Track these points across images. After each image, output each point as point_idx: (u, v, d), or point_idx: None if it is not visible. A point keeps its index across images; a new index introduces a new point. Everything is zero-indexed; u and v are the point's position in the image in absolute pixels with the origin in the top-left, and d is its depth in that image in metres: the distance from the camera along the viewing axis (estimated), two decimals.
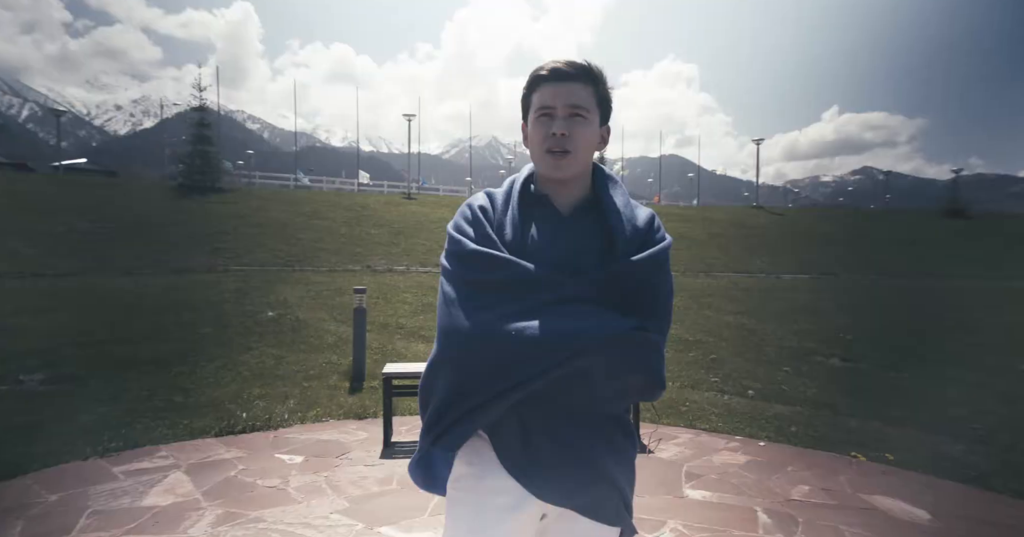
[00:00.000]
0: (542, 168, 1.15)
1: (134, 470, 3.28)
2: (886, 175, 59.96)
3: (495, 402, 1.03)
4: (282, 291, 8.40)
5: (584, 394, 1.05)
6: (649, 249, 1.10)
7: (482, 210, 1.15)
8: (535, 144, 1.14)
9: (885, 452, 3.81)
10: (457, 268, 1.09)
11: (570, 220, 1.15)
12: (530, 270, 1.04)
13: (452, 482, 1.15)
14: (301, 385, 5.00)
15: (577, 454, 1.07)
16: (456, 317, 1.05)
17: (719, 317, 8.28)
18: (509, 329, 1.00)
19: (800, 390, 5.34)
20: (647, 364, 1.06)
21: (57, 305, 7.24)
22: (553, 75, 1.13)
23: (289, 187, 29.93)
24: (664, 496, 3.08)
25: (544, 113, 1.13)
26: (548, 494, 1.07)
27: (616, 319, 1.04)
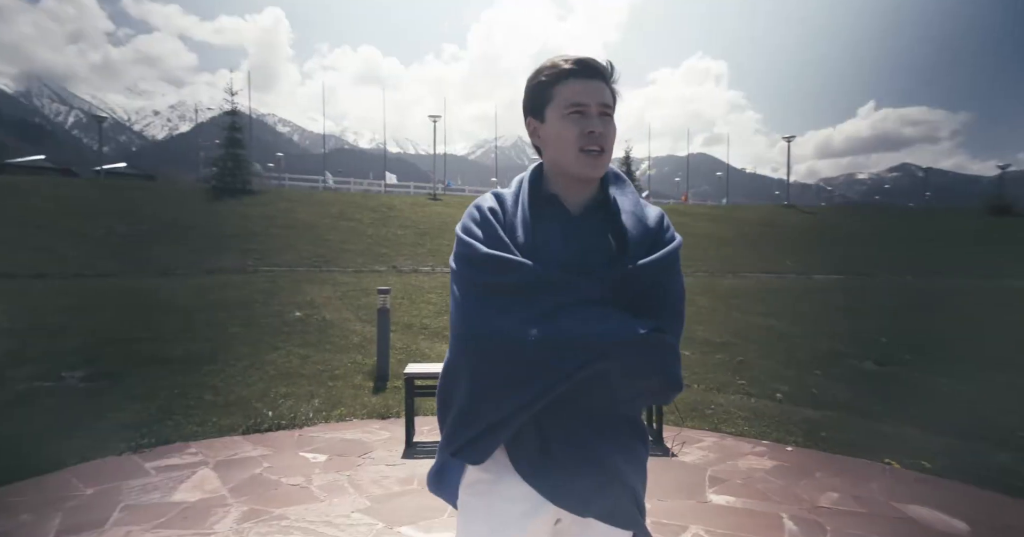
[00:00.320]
0: (575, 167, 1.10)
1: (165, 466, 3.37)
2: (926, 172, 58.03)
3: (519, 413, 1.02)
4: (309, 291, 8.54)
5: (603, 397, 1.04)
6: (660, 249, 1.09)
7: (492, 212, 1.12)
8: (567, 142, 1.09)
9: (922, 459, 3.67)
10: (469, 271, 1.07)
11: (580, 220, 1.13)
12: (545, 272, 1.03)
13: (465, 487, 1.14)
14: (326, 384, 5.08)
15: (593, 458, 1.06)
16: (472, 322, 1.04)
17: (747, 318, 8.12)
18: (529, 333, 0.99)
19: (831, 394, 5.19)
20: (665, 366, 1.05)
21: (97, 305, 7.50)
22: (584, 71, 1.10)
23: (317, 189, 30.46)
24: (686, 500, 3.03)
25: (577, 110, 1.09)
26: (564, 500, 1.06)
27: (634, 321, 1.02)
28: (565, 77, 1.10)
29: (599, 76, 1.10)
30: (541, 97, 1.12)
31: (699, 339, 7.01)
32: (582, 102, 1.08)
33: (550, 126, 1.12)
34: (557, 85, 1.10)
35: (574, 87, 1.09)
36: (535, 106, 1.14)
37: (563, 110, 1.09)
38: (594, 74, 1.10)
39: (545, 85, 1.12)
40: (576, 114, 1.09)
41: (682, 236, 1.16)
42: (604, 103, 1.10)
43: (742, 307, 8.81)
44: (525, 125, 1.18)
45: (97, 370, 5.16)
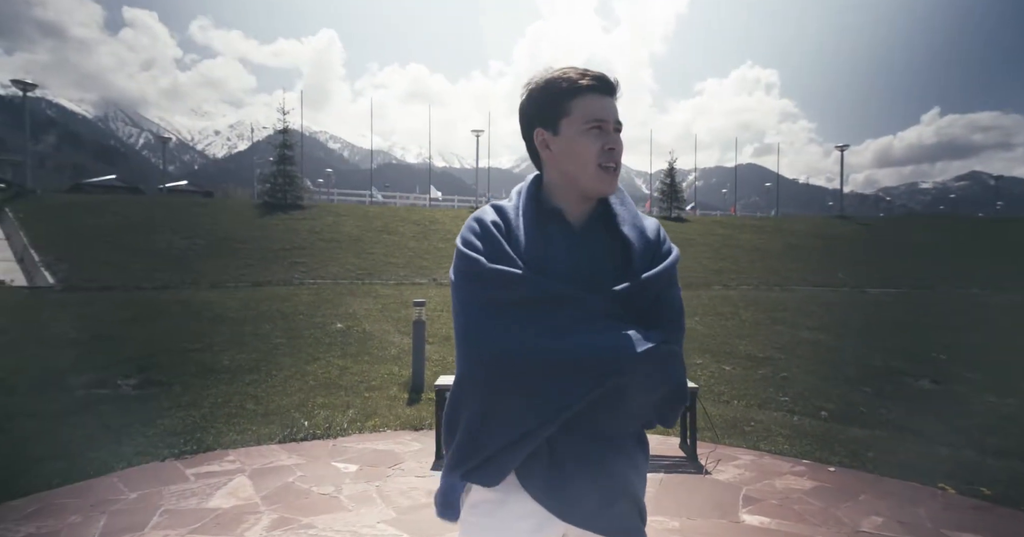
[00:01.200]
0: (592, 183, 1.10)
1: (204, 473, 3.50)
2: (997, 180, 54.73)
3: (537, 432, 1.00)
4: (351, 304, 8.76)
5: (614, 412, 1.04)
6: (661, 262, 1.09)
7: (495, 225, 1.10)
8: (585, 157, 1.08)
9: (980, 485, 3.43)
10: (474, 287, 1.05)
11: (583, 233, 1.13)
12: (553, 286, 1.02)
13: (469, 507, 1.11)
14: (362, 395, 5.18)
15: (604, 473, 1.05)
16: (482, 339, 1.01)
17: (793, 333, 7.81)
18: (542, 349, 0.98)
19: (881, 413, 4.92)
20: (674, 377, 1.05)
21: (153, 316, 7.91)
22: (602, 87, 1.10)
23: (364, 203, 31.31)
24: (718, 520, 2.93)
25: (596, 126, 1.08)
26: (573, 516, 1.06)
27: (644, 334, 1.02)
28: (584, 92, 1.09)
29: (613, 93, 1.11)
30: (556, 109, 1.10)
31: (741, 353, 6.80)
32: (602, 118, 1.08)
33: (565, 140, 1.10)
34: (575, 99, 1.09)
35: (594, 102, 1.08)
36: (548, 117, 1.11)
37: (583, 125, 1.08)
38: (610, 91, 1.11)
39: (561, 97, 1.09)
40: (596, 130, 1.09)
41: (726, 248, 1.16)
42: (618, 120, 1.11)
43: (788, 321, 8.49)
44: (532, 135, 1.15)
45: (149, 378, 5.43)
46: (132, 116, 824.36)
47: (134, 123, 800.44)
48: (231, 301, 8.82)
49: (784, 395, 5.37)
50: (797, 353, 6.84)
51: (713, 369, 6.19)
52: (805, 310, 9.26)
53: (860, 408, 5.02)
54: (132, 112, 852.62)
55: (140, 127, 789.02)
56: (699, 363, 6.36)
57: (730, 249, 15.71)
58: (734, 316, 8.71)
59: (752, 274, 13.54)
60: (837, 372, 6.12)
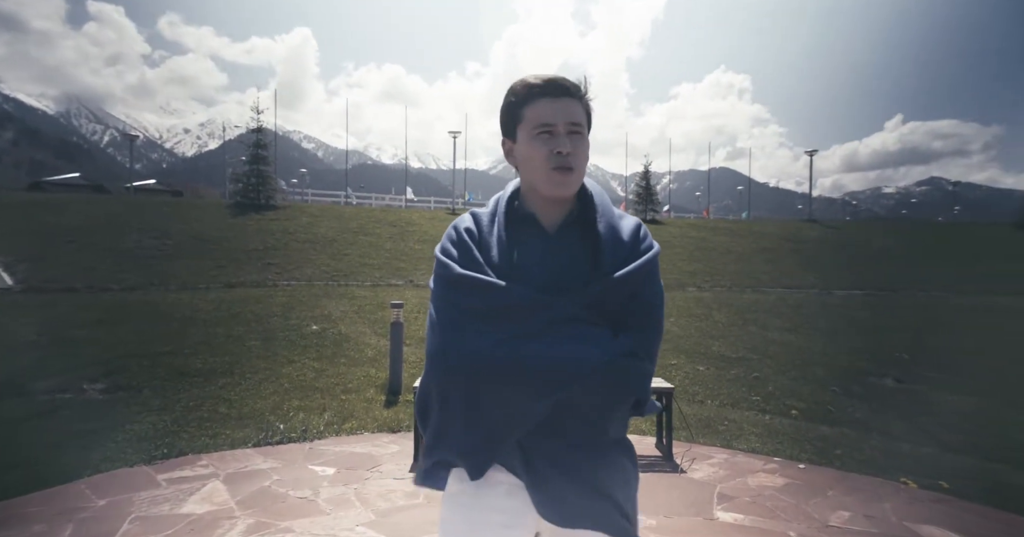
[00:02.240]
0: (546, 187, 1.11)
1: (176, 478, 3.43)
2: (955, 186, 56.87)
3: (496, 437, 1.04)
4: (327, 305, 8.66)
5: (576, 418, 1.05)
6: (634, 261, 1.08)
7: (468, 232, 1.13)
8: (537, 162, 1.10)
9: (939, 479, 3.57)
10: (444, 292, 1.08)
11: (557, 238, 1.13)
12: (517, 293, 1.03)
13: (447, 498, 1.15)
14: (339, 398, 5.13)
15: (576, 475, 1.06)
16: (442, 343, 1.04)
17: (764, 334, 7.99)
18: (497, 357, 1.00)
19: (848, 411, 5.08)
20: (632, 391, 1.05)
21: (121, 318, 7.70)
22: (551, 90, 1.09)
23: (339, 204, 30.96)
24: (693, 518, 2.99)
25: (545, 130, 1.09)
26: (549, 513, 1.07)
27: (605, 344, 1.03)
28: (534, 97, 1.10)
29: (568, 94, 1.10)
30: (513, 117, 1.13)
31: (714, 354, 6.93)
32: (549, 122, 1.08)
33: (521, 146, 1.12)
34: (526, 105, 1.10)
35: (542, 107, 1.09)
36: (508, 126, 1.15)
37: (532, 130, 1.10)
38: (562, 93, 1.09)
39: (515, 105, 1.12)
40: (545, 134, 1.09)
41: (700, 251, 1.17)
42: (572, 122, 1.09)
43: (760, 322, 8.68)
44: (501, 145, 1.19)
45: (117, 382, 5.29)
46: (96, 112, 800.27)
47: (98, 120, 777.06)
48: (203, 303, 8.64)
49: (756, 395, 5.49)
50: (768, 353, 7.00)
51: (688, 369, 6.30)
52: (776, 311, 9.48)
53: (828, 407, 5.18)
54: (96, 108, 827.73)
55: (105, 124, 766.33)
56: (674, 364, 6.46)
57: (704, 251, 15.98)
58: (707, 317, 8.87)
59: (725, 276, 13.80)
60: (806, 372, 6.29)
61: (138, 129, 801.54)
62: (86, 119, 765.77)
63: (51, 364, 5.73)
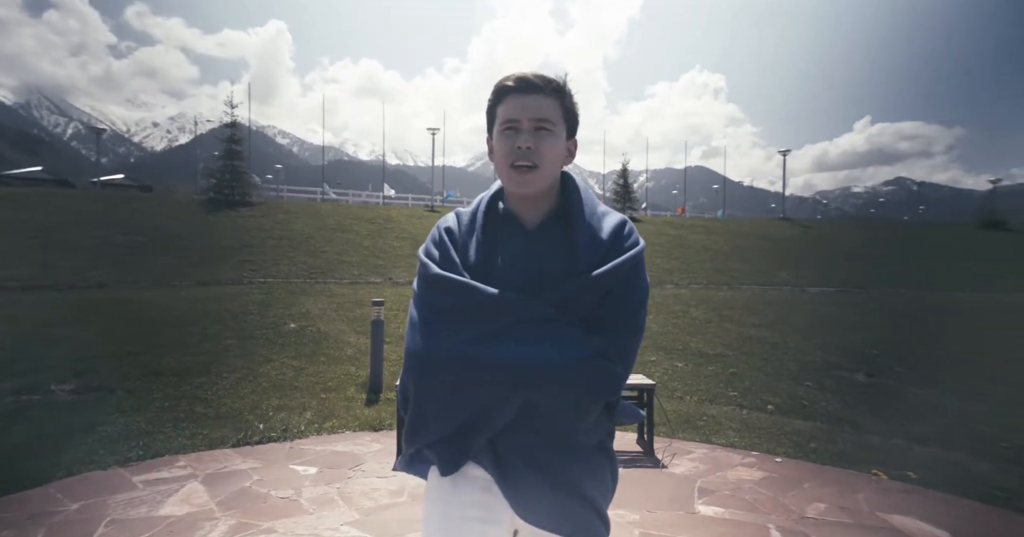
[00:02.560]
0: (507, 183, 1.11)
1: (152, 480, 3.37)
2: (920, 186, 58.50)
3: (467, 433, 1.05)
4: (305, 303, 8.55)
5: (548, 418, 1.05)
6: (613, 259, 1.06)
7: (448, 232, 1.13)
8: (500, 158, 1.10)
9: (907, 470, 3.70)
10: (422, 292, 1.10)
11: (536, 236, 1.12)
12: (486, 293, 1.02)
13: (427, 492, 1.17)
14: (319, 396, 5.08)
15: (549, 473, 1.06)
16: (417, 342, 1.05)
17: (740, 330, 8.14)
18: (462, 356, 1.01)
19: (822, 405, 5.21)
20: (602, 393, 1.04)
21: (90, 317, 7.49)
22: (519, 87, 1.10)
23: (316, 200, 30.55)
24: (675, 512, 3.04)
25: (509, 126, 1.09)
26: (524, 511, 1.06)
27: (574, 345, 1.01)
28: (505, 94, 1.11)
29: (538, 91, 1.09)
30: (490, 116, 1.15)
31: (692, 350, 7.04)
32: (514, 118, 1.09)
33: (494, 143, 1.13)
34: (499, 104, 1.12)
35: (511, 103, 1.10)
36: (488, 124, 1.16)
37: (499, 127, 1.11)
38: (532, 89, 1.09)
39: (491, 105, 1.14)
40: (510, 130, 1.09)
41: (677, 248, 1.16)
42: (539, 118, 1.08)
43: (736, 319, 8.84)
44: (486, 142, 1.19)
45: (87, 383, 5.15)
46: (59, 104, 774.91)
47: (61, 112, 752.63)
48: (176, 301, 8.46)
49: (733, 390, 5.60)
50: (744, 350, 7.13)
51: (666, 366, 6.39)
52: (751, 308, 9.67)
53: (803, 401, 5.30)
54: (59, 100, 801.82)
55: (68, 116, 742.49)
56: (653, 360, 6.55)
57: (681, 249, 16.20)
58: (685, 314, 9.00)
59: (702, 273, 14.01)
60: (781, 368, 6.43)
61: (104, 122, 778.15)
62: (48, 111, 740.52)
63: (16, 364, 5.55)
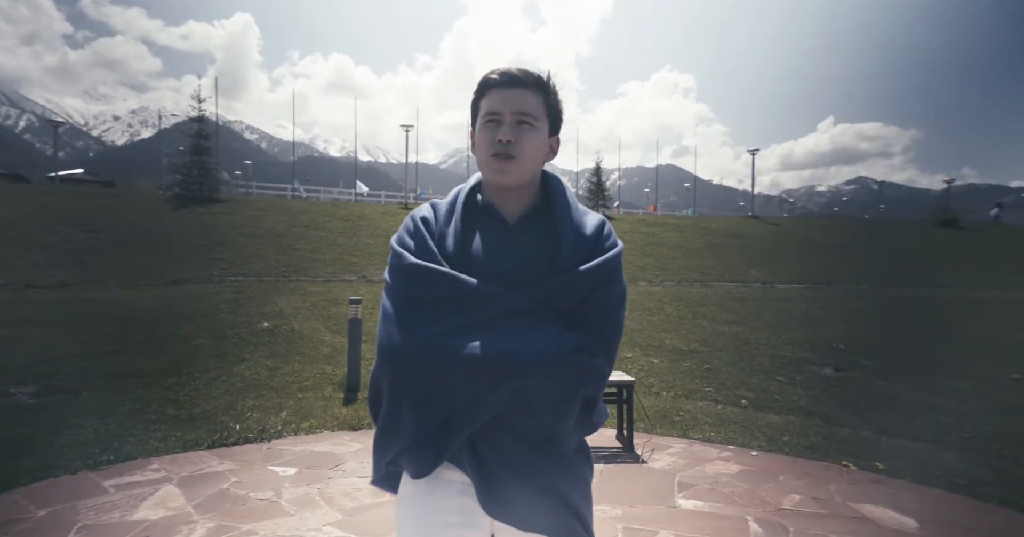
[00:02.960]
0: (487, 174, 1.11)
1: (125, 484, 3.27)
2: (880, 185, 60.38)
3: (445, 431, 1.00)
4: (278, 302, 8.40)
5: (527, 416, 1.01)
6: (597, 258, 1.06)
7: (424, 221, 1.11)
8: (481, 149, 1.11)
9: (876, 461, 3.83)
10: (396, 282, 1.06)
11: (516, 229, 1.11)
12: (469, 284, 1.01)
13: (400, 499, 1.12)
14: (295, 396, 5.00)
15: (529, 475, 1.03)
16: (391, 334, 1.01)
17: (713, 327, 8.30)
18: (444, 348, 0.97)
19: (793, 399, 5.36)
20: (585, 384, 1.02)
21: (52, 317, 7.23)
22: (503, 80, 1.10)
23: (286, 197, 29.99)
24: (656, 506, 3.09)
25: (491, 119, 1.09)
26: (502, 514, 1.03)
27: (557, 337, 1.00)
28: (487, 88, 1.11)
29: (521, 85, 1.09)
30: (473, 109, 1.15)
31: (667, 347, 7.15)
32: (496, 111, 1.09)
33: (476, 135, 1.14)
34: (483, 97, 1.12)
35: (492, 97, 1.10)
36: (472, 118, 1.17)
37: (481, 119, 1.12)
38: (514, 83, 1.09)
39: (475, 98, 1.14)
40: (492, 123, 1.09)
41: (650, 246, 1.16)
42: (520, 111, 1.08)
43: (709, 315, 9.01)
44: (469, 135, 1.19)
45: (50, 385, 4.97)
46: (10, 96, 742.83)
47: (13, 103, 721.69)
48: (144, 300, 8.22)
49: (708, 386, 5.71)
50: (718, 346, 7.28)
51: (643, 362, 6.48)
52: (723, 305, 9.86)
53: (775, 396, 5.44)
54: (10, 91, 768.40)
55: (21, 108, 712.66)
56: (629, 357, 6.63)
57: (654, 246, 16.41)
58: (659, 311, 9.13)
59: (674, 271, 14.23)
60: (754, 363, 6.58)
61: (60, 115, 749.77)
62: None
63: None
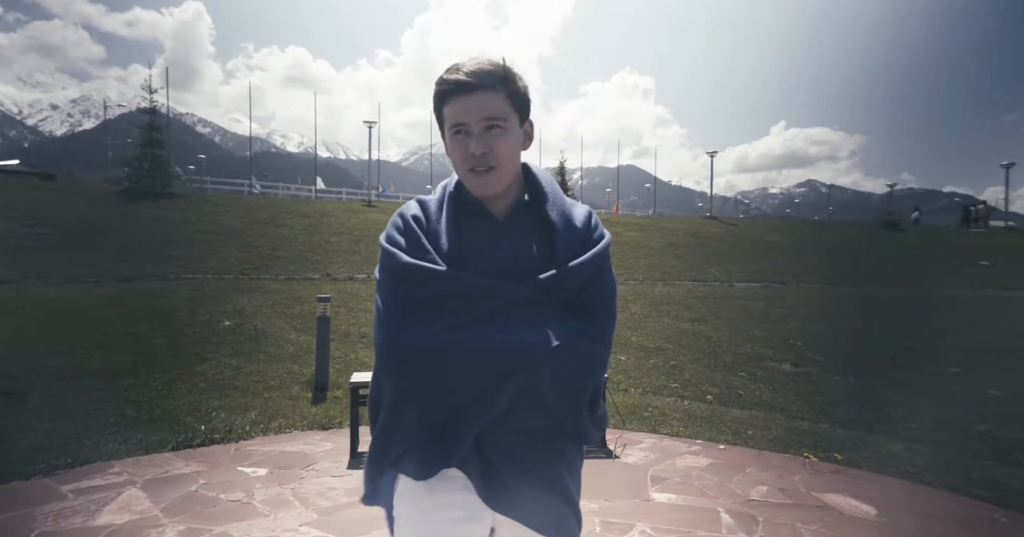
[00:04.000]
0: (469, 187, 1.09)
1: (84, 488, 3.13)
2: (829, 188, 63.00)
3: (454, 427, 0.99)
4: (238, 300, 8.15)
5: (534, 409, 1.02)
6: (589, 249, 1.07)
7: (415, 219, 1.09)
8: (457, 163, 1.08)
9: (834, 452, 4.01)
10: (391, 282, 1.05)
11: (506, 224, 1.11)
12: (467, 280, 1.00)
13: (399, 496, 1.10)
14: (262, 396, 4.88)
15: (532, 468, 1.04)
16: (393, 334, 1.01)
17: (677, 324, 8.51)
18: (449, 343, 0.97)
19: (756, 395, 5.55)
20: (590, 374, 1.04)
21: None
22: (457, 88, 1.03)
23: (243, 193, 29.09)
24: (631, 500, 3.16)
25: (459, 130, 1.05)
26: (504, 507, 1.04)
27: (560, 328, 1.01)
28: (445, 97, 1.05)
29: (479, 88, 1.03)
30: (438, 116, 1.10)
31: (634, 345, 7.28)
32: (461, 122, 1.04)
33: (448, 147, 1.10)
34: (443, 106, 1.06)
35: (453, 107, 1.04)
36: (439, 125, 1.11)
37: (449, 131, 1.07)
38: (471, 88, 1.03)
39: (436, 106, 1.09)
40: (460, 134, 1.05)
41: (614, 245, 1.17)
42: (487, 117, 1.03)
43: (673, 313, 9.22)
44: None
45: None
46: None
47: None
48: (92, 298, 7.84)
49: (675, 382, 5.86)
50: (682, 343, 7.46)
51: (611, 360, 6.59)
52: (686, 303, 10.11)
53: (738, 391, 5.62)
54: None
55: None
56: None
57: (617, 246, 16.67)
58: (624, 309, 9.29)
59: (637, 270, 14.49)
60: (717, 360, 6.78)
61: None
62: None
63: None
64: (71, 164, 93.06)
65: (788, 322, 9.01)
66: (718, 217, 29.22)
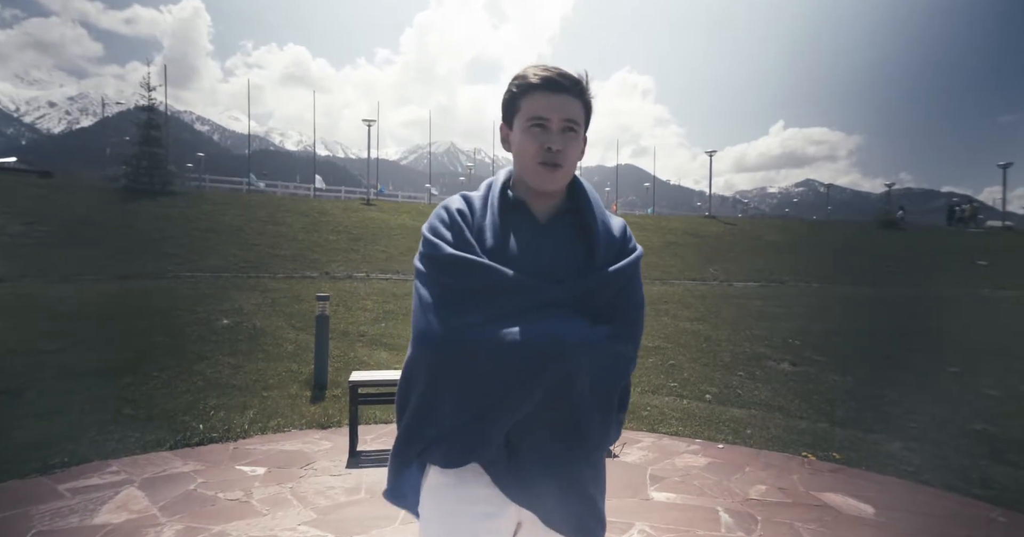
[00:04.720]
0: (532, 180, 1.12)
1: (82, 487, 3.13)
2: (827, 188, 62.96)
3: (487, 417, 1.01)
4: (237, 298, 8.14)
5: (563, 403, 1.04)
6: (624, 258, 1.12)
7: (460, 213, 1.12)
8: (527, 155, 1.11)
9: (832, 451, 4.01)
10: (434, 272, 1.07)
11: (548, 227, 1.15)
12: (509, 275, 1.03)
13: (427, 490, 1.12)
14: (260, 395, 4.87)
15: (559, 468, 1.06)
16: (432, 321, 1.03)
17: (676, 324, 8.51)
18: (488, 333, 0.99)
19: (754, 394, 5.55)
20: (618, 375, 1.07)
21: None
22: (547, 85, 1.10)
23: (242, 191, 29.04)
24: (631, 499, 3.16)
25: (537, 123, 1.10)
26: (531, 504, 1.06)
27: (595, 328, 1.05)
28: (532, 89, 1.11)
29: (566, 90, 1.10)
30: (511, 106, 1.15)
31: None
32: (543, 116, 1.09)
33: (516, 136, 1.14)
34: (524, 97, 1.11)
35: (538, 101, 1.10)
36: (507, 114, 1.16)
37: (526, 122, 1.11)
38: (560, 88, 1.10)
39: (515, 96, 1.13)
40: (537, 127, 1.10)
41: None
42: (567, 118, 1.10)
43: (672, 313, 9.22)
44: (500, 129, 1.20)
45: None
46: None
47: None
48: (92, 296, 7.83)
49: (673, 381, 5.86)
50: (681, 342, 7.46)
51: None
52: (685, 302, 10.11)
53: (737, 391, 5.63)
54: None
55: None
56: None
57: None
58: None
59: None
60: (716, 359, 6.78)
61: None
62: None
63: None
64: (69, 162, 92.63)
65: (786, 321, 9.01)
66: (717, 216, 29.23)
